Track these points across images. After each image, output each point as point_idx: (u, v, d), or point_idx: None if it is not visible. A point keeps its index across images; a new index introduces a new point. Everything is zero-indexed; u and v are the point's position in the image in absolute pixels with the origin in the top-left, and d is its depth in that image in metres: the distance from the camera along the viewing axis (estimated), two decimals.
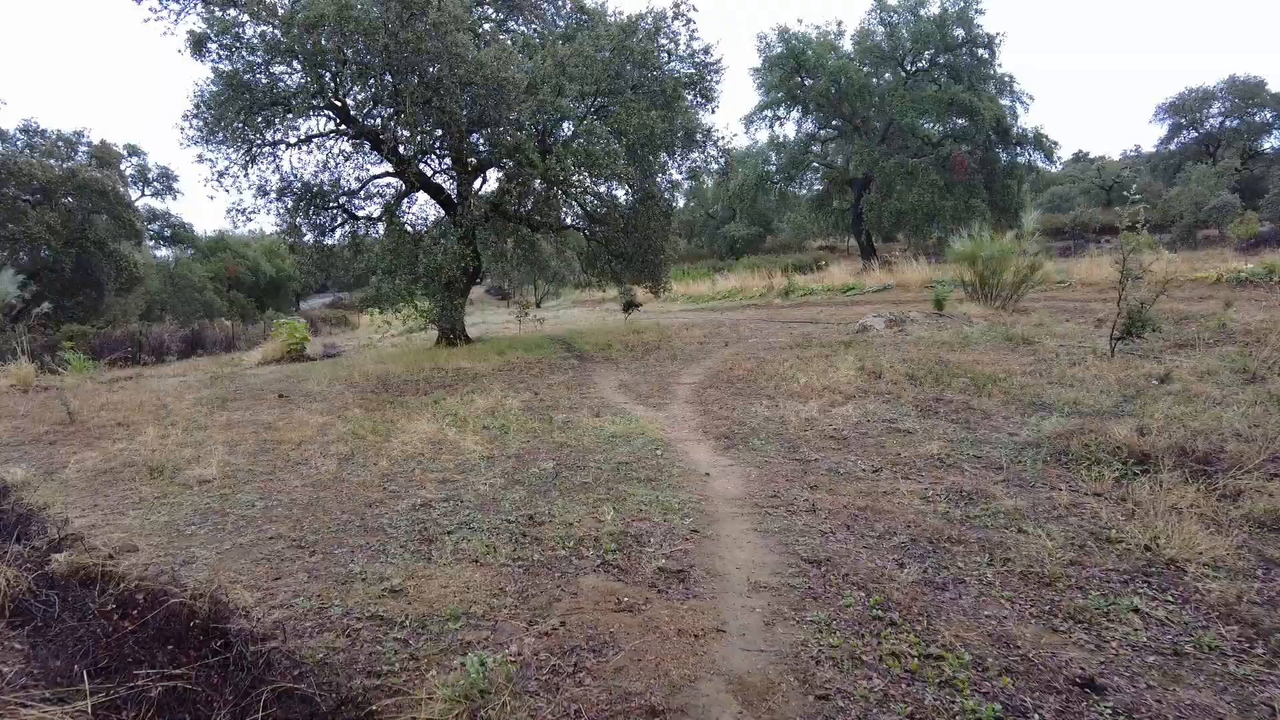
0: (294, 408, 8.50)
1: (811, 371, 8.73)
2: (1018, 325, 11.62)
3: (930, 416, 6.54)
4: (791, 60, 28.76)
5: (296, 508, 4.81)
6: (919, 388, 7.70)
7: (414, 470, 5.54)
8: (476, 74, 10.32)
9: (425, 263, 11.04)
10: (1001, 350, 9.82)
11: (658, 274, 15.84)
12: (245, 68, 11.47)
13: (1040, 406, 6.68)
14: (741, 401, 7.54)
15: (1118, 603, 3.14)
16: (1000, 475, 4.92)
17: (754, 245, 43.74)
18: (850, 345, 10.74)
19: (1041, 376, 7.96)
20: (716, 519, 4.22)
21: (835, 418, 6.57)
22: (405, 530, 4.26)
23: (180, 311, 37.25)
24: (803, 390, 7.74)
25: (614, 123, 12.36)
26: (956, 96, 27.01)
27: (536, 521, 4.23)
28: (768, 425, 6.44)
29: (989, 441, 5.69)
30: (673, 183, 14.82)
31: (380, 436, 6.65)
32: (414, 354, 13.04)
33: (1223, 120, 41.62)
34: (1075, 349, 9.54)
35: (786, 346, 11.39)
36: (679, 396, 8.21)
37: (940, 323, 12.74)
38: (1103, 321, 11.79)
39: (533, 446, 6.04)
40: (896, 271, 23.06)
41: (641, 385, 9.15)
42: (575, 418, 7.02)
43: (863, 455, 5.49)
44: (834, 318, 16.03)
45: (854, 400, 7.19)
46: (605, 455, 5.63)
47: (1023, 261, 14.51)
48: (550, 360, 11.71)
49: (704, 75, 13.61)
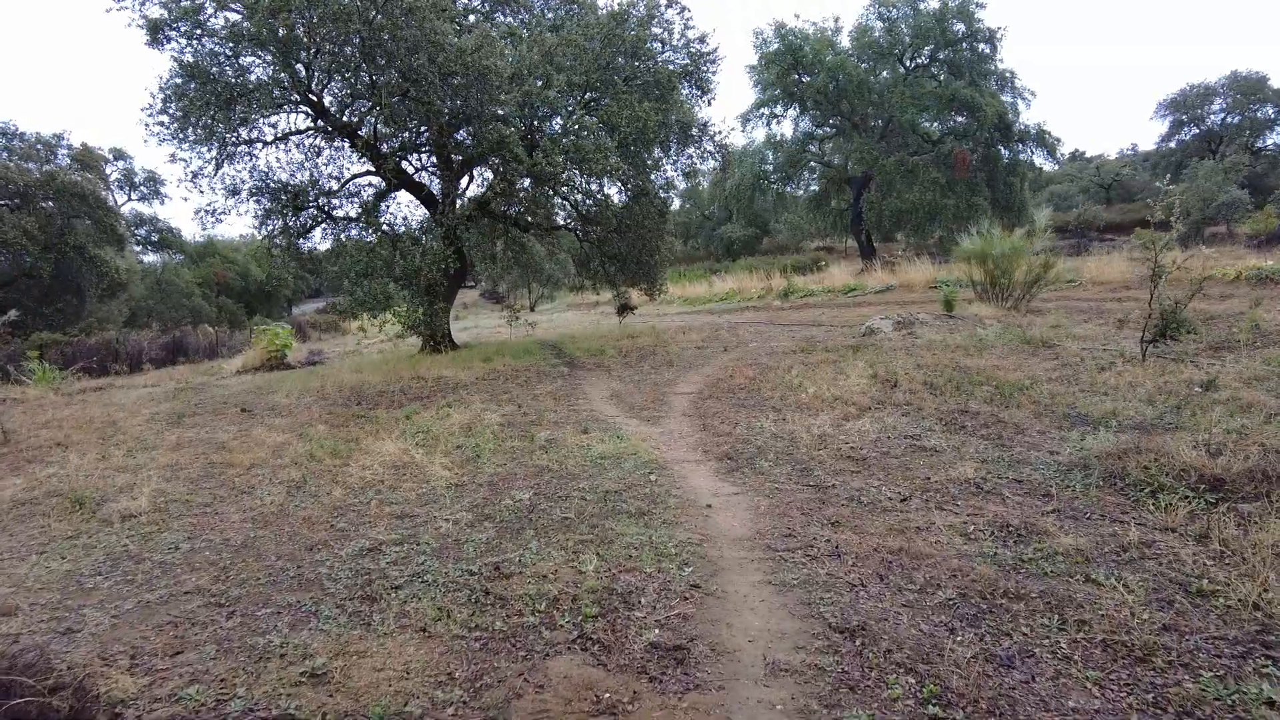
0: (255, 424, 7.76)
1: (820, 380, 8.02)
2: (1034, 327, 10.92)
3: (957, 432, 5.84)
4: (789, 57, 28.07)
5: (227, 551, 4.08)
6: (939, 398, 6.99)
7: (370, 502, 4.81)
8: (457, 63, 9.60)
9: (403, 265, 10.30)
10: (1021, 354, 9.12)
11: (653, 276, 15.12)
12: (209, 58, 10.73)
13: (1077, 419, 5.99)
14: (744, 414, 6.82)
15: (1242, 690, 2.43)
16: (1049, 504, 4.22)
17: (751, 246, 43.08)
18: (858, 350, 10.04)
19: (1071, 384, 7.28)
20: (721, 567, 3.51)
21: (851, 434, 5.86)
22: (346, 583, 3.54)
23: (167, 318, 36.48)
24: (811, 401, 7.02)
25: (605, 116, 11.66)
26: (958, 92, 26.33)
27: (503, 573, 3.51)
28: (775, 443, 5.73)
29: (1028, 462, 4.99)
30: (668, 180, 14.07)
31: (339, 459, 5.92)
32: (395, 362, 12.32)
33: (1224, 116, 41.02)
34: (1101, 352, 8.84)
35: (790, 351, 10.69)
36: (675, 409, 7.50)
37: (951, 325, 12.05)
38: (1125, 322, 11.12)
39: (509, 471, 5.32)
40: (899, 272, 22.38)
41: (635, 395, 8.43)
42: (560, 435, 6.30)
43: (887, 480, 4.78)
44: (837, 320, 15.33)
45: (870, 413, 6.48)
46: (591, 482, 4.91)
47: (1035, 260, 13.84)
48: (538, 367, 10.99)
49: (699, 66, 12.91)
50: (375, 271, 10.45)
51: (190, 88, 10.45)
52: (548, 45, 11.30)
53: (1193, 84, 41.16)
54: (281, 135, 12.86)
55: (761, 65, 28.82)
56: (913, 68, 28.92)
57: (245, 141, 12.46)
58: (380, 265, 10.55)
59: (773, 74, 28.34)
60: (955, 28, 27.30)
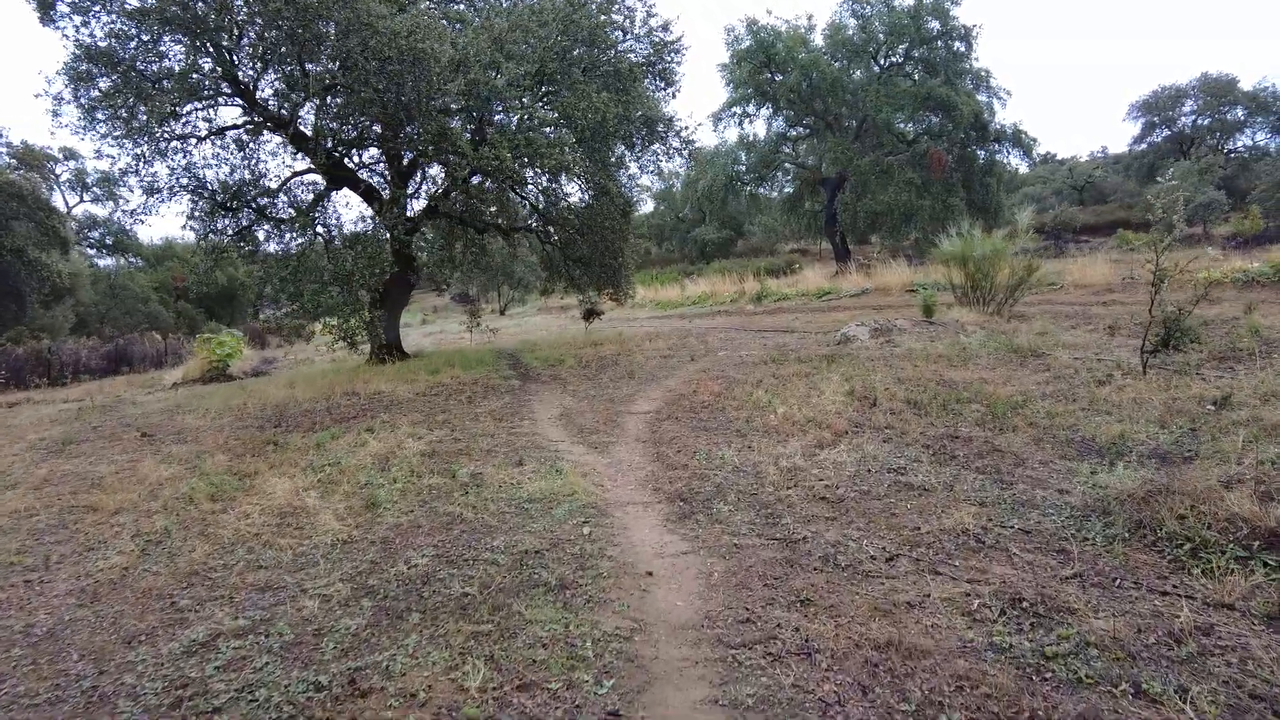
0: (148, 454, 6.77)
1: (791, 396, 7.20)
2: (1020, 334, 10.20)
3: (947, 463, 5.03)
4: (761, 54, 27.35)
5: (20, 646, 3.14)
6: (925, 418, 6.19)
7: (234, 565, 3.89)
8: (391, 46, 8.67)
9: (332, 269, 9.32)
10: (1009, 365, 8.37)
11: (618, 279, 14.25)
12: (119, 41, 9.68)
13: (1083, 445, 5.21)
14: (705, 440, 5.97)
15: None
16: (1067, 565, 3.42)
17: (725, 249, 42.39)
18: (833, 360, 9.24)
19: (1068, 401, 6.52)
20: (654, 676, 2.63)
21: (825, 465, 5.03)
22: (150, 703, 2.62)
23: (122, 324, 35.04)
24: (781, 424, 6.19)
25: (561, 108, 10.77)
26: (933, 91, 25.76)
27: (359, 688, 2.60)
28: (738, 479, 4.88)
29: (1034, 504, 4.19)
30: (631, 177, 13.21)
31: (220, 503, 4.98)
32: (336, 374, 11.33)
33: (1195, 118, 41.08)
34: (1095, 363, 8.10)
35: (760, 362, 9.87)
36: (629, 432, 6.62)
37: (932, 332, 11.30)
38: (1115, 329, 10.44)
39: (414, 521, 4.40)
40: (874, 274, 21.71)
41: (587, 414, 7.55)
42: (488, 469, 5.39)
43: (868, 530, 3.95)
44: (811, 325, 14.56)
45: (847, 438, 5.65)
46: (510, 537, 4.01)
47: (1018, 262, 13.17)
48: (488, 380, 10.07)
49: (662, 56, 12.06)
50: (304, 276, 9.45)
51: (95, 73, 9.41)
52: (497, 31, 10.39)
53: (1164, 86, 41.25)
54: (217, 130, 11.84)
55: (733, 63, 28.09)
56: (887, 66, 28.34)
57: (179, 136, 11.42)
58: (310, 270, 9.55)
59: (745, 71, 27.60)
60: (930, 25, 26.75)
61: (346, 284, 9.16)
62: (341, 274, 9.17)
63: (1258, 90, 38.83)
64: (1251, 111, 39.23)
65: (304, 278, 9.40)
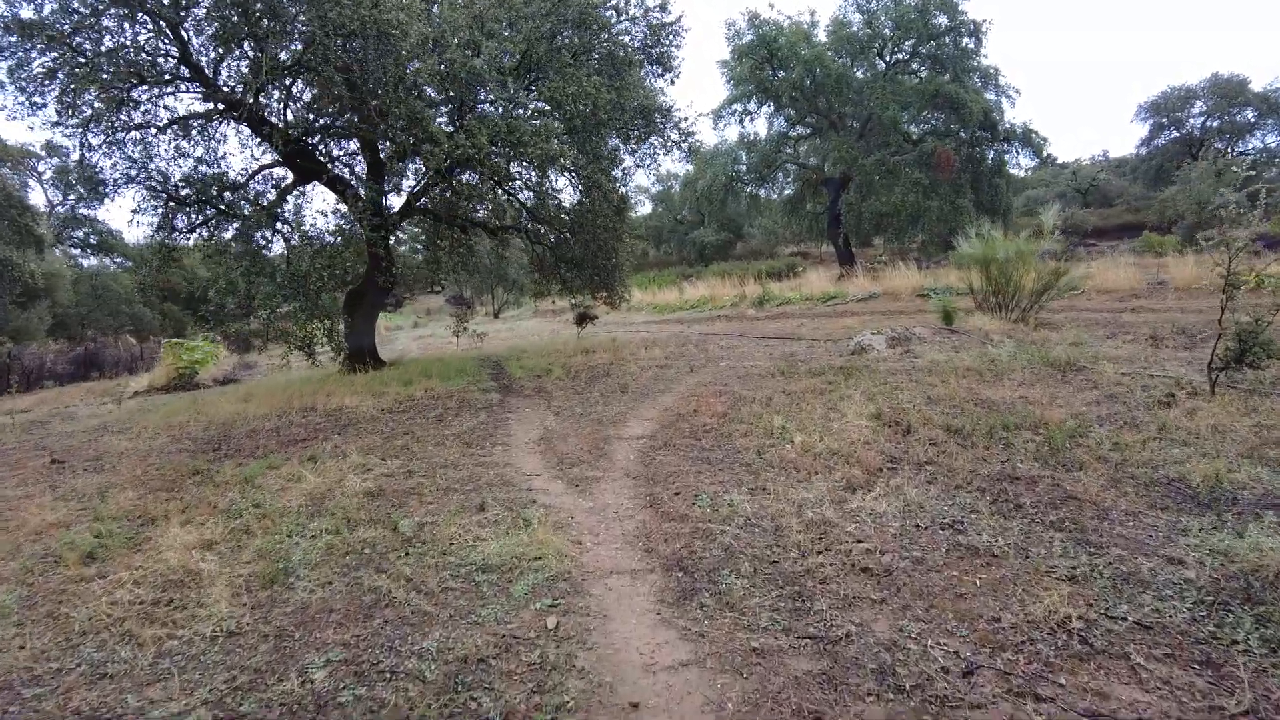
0: (48, 485, 5.74)
1: (807, 419, 6.18)
2: (1052, 345, 9.21)
3: (1013, 514, 4.01)
4: (763, 49, 26.32)
5: None
6: (969, 449, 5.18)
7: (68, 674, 2.85)
8: (353, 18, 7.65)
9: (286, 270, 8.30)
10: (1049, 381, 7.36)
11: (611, 282, 13.23)
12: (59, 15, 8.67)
13: (1172, 489, 4.21)
14: (709, 476, 4.95)
15: None
16: (1226, 690, 2.41)
17: (724, 251, 41.43)
18: (850, 374, 8.22)
19: (1133, 428, 5.51)
20: None
21: (861, 518, 4.01)
22: None
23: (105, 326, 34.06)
24: (800, 456, 5.16)
25: (547, 94, 9.75)
26: (942, 88, 24.79)
27: None
28: (752, 537, 3.85)
29: (1142, 579, 3.18)
30: (625, 171, 12.18)
31: (95, 565, 3.94)
32: (302, 385, 10.28)
33: (1205, 120, 40.14)
34: (1147, 379, 7.10)
35: (768, 374, 8.86)
36: (617, 463, 5.59)
37: (954, 341, 10.29)
38: (1159, 339, 9.45)
39: (328, 600, 3.37)
40: (882, 278, 20.75)
41: (570, 438, 6.52)
42: (440, 518, 4.36)
43: (931, 621, 2.93)
44: (819, 332, 13.55)
45: (881, 478, 4.63)
46: (448, 632, 2.98)
47: (1044, 266, 12.19)
48: (464, 394, 9.05)
49: (660, 38, 11.04)
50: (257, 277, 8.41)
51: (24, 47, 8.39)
52: (478, 8, 9.38)
53: (1174, 87, 40.31)
54: (177, 119, 10.80)
55: (734, 58, 27.08)
56: (893, 63, 27.36)
57: (136, 126, 10.40)
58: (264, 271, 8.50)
59: (746, 67, 26.58)
60: (937, 20, 25.75)
61: (302, 286, 8.13)
62: (297, 275, 8.14)
63: (1269, 91, 37.89)
64: (1262, 113, 38.30)
65: (257, 279, 8.36)
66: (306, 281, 8.12)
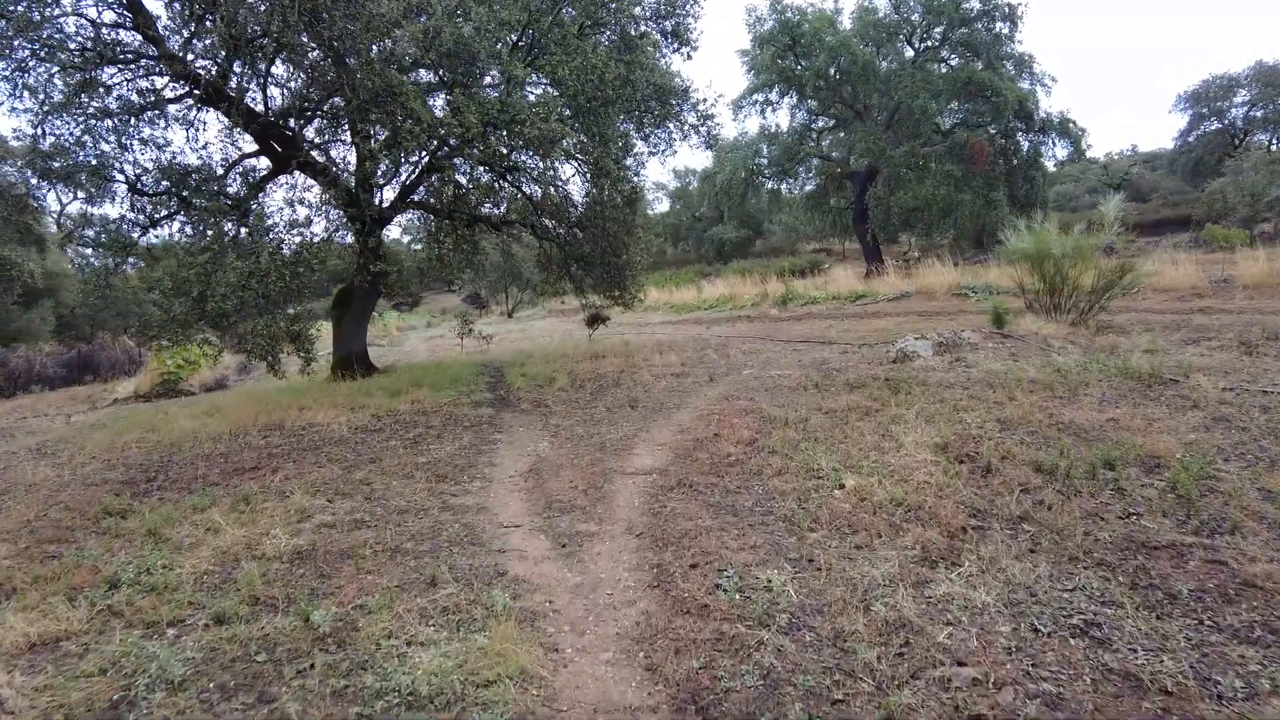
0: None
1: (856, 448, 5.01)
2: (1124, 351, 7.97)
3: (1166, 609, 2.83)
4: (784, 37, 25.02)
5: None
6: (1072, 498, 3.99)
7: None
8: None
9: (240, 268, 7.23)
10: (1135, 398, 6.12)
11: (622, 280, 12.08)
12: None
13: None
14: (735, 536, 3.79)
15: None
16: None
17: (743, 249, 40.17)
18: (898, 388, 7.03)
19: (1269, 463, 4.31)
20: None
21: (953, 615, 2.85)
22: None
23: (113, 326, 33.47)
24: (854, 508, 3.99)
25: (549, 67, 8.62)
26: (975, 76, 23.41)
27: None
28: (800, 653, 2.69)
29: None
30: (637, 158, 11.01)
31: None
32: (279, 396, 9.24)
33: (1248, 109, 38.28)
34: (1262, 397, 5.86)
35: (799, 386, 7.68)
36: (618, 511, 4.45)
37: (1010, 347, 9.05)
38: (1251, 346, 8.18)
39: None
40: (915, 275, 19.43)
41: (565, 471, 5.39)
42: (371, 604, 3.22)
43: None
44: (851, 335, 12.34)
45: (968, 544, 3.46)
46: None
47: (1106, 262, 10.89)
48: (454, 408, 7.96)
49: (675, 7, 9.86)
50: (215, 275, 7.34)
51: None
52: None
53: (1215, 75, 38.45)
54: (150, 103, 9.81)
55: (755, 46, 25.83)
56: (922, 50, 25.99)
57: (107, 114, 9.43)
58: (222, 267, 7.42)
59: (768, 55, 25.31)
60: (970, 4, 24.34)
61: (261, 285, 7.07)
62: (256, 273, 7.07)
63: None
64: None
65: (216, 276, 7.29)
66: (265, 280, 7.06)
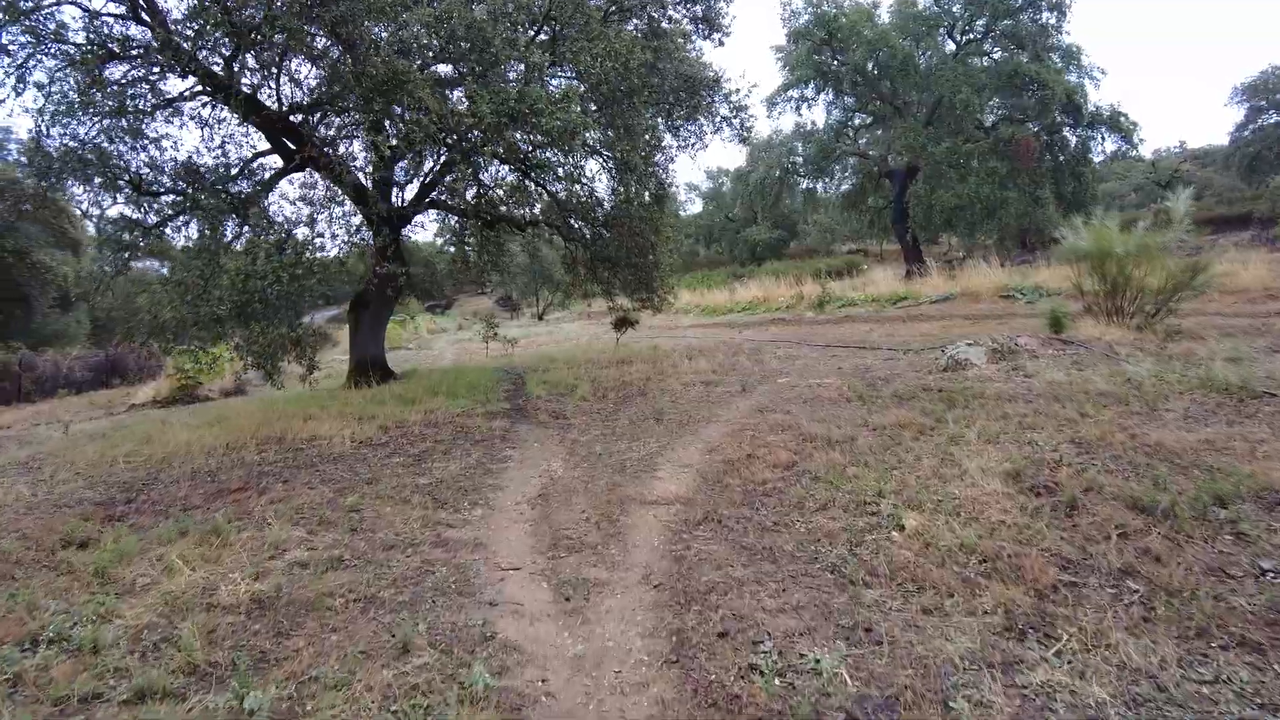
0: None
1: (913, 478, 4.33)
2: (1202, 360, 7.14)
3: None
4: (820, 31, 24.16)
5: None
6: (1184, 545, 3.28)
7: None
8: None
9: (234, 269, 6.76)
10: (1225, 413, 5.33)
11: (650, 282, 11.45)
12: None
13: None
14: (774, 594, 3.15)
15: None
16: None
17: (777, 250, 39.34)
18: (953, 401, 6.31)
19: None
20: None
21: (1054, 707, 2.19)
22: None
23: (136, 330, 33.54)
24: (916, 557, 3.32)
25: (570, 55, 8.05)
26: (1020, 68, 22.37)
27: None
28: None
29: None
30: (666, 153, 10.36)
31: None
32: (288, 404, 8.81)
33: None
34: None
35: (841, 399, 7.00)
36: (634, 553, 3.81)
37: (1072, 355, 8.24)
38: None
39: None
40: (959, 276, 18.52)
41: (576, 498, 4.78)
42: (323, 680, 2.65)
43: None
44: (893, 340, 11.58)
45: (1062, 609, 2.78)
46: None
47: (1175, 262, 10.01)
48: (467, 420, 7.42)
49: None
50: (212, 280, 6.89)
51: None
52: None
53: (1275, 66, 36.66)
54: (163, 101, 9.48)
55: (790, 42, 25.04)
56: (964, 43, 24.99)
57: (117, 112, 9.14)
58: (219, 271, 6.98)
59: (804, 51, 24.50)
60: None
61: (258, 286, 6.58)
62: (254, 274, 6.59)
63: None
64: None
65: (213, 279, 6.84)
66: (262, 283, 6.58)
